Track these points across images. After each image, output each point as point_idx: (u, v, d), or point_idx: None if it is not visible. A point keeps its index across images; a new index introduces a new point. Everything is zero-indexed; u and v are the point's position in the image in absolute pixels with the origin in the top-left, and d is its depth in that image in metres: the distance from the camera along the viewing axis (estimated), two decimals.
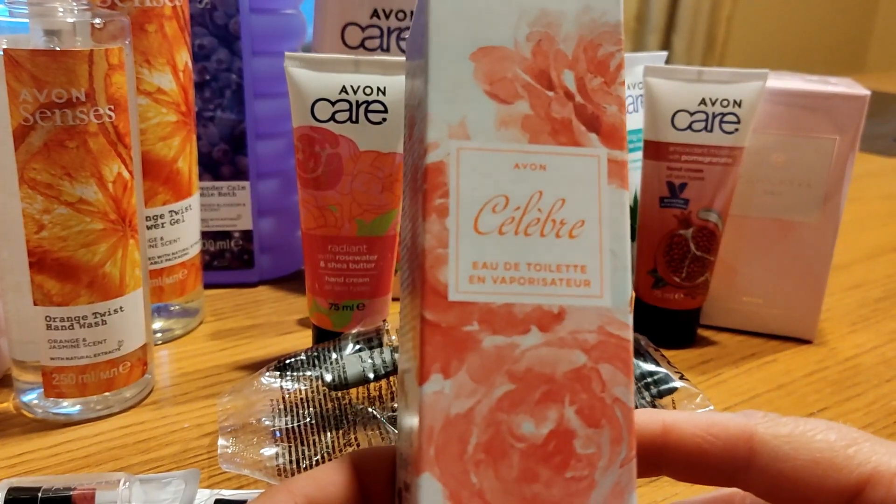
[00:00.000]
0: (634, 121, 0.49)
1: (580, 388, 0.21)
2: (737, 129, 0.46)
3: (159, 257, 0.46)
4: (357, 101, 0.40)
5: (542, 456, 0.21)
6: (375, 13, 0.48)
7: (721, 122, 0.46)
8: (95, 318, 0.38)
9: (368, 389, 0.38)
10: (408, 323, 0.23)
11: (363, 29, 0.49)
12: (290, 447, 0.35)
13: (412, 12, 0.49)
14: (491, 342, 0.21)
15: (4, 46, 0.34)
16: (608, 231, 0.22)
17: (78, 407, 0.39)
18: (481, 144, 0.22)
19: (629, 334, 0.22)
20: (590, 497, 0.21)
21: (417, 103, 0.23)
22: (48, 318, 0.37)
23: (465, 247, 0.22)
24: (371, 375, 0.37)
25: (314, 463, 0.34)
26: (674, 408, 0.39)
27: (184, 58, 0.44)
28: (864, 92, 0.47)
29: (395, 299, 0.54)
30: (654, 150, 0.47)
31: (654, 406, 0.38)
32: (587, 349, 0.22)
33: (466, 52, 0.22)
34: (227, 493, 0.33)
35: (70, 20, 0.36)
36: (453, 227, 0.22)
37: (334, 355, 0.39)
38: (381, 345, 0.39)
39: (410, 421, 0.22)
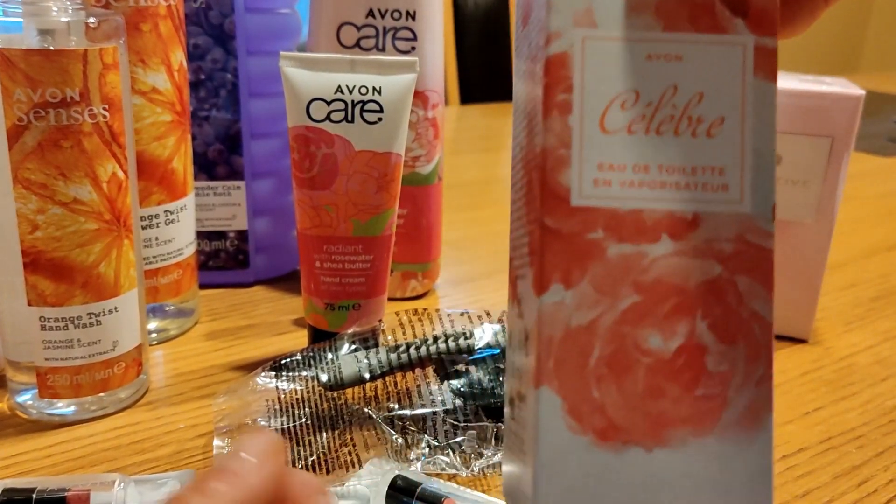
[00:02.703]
0: None
1: (714, 301, 0.20)
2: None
3: (154, 257, 0.46)
4: (352, 101, 0.40)
5: (670, 372, 0.20)
6: (371, 13, 0.48)
7: None
8: (90, 318, 0.38)
9: (364, 389, 0.38)
10: (522, 227, 0.21)
11: (358, 28, 0.49)
12: (285, 448, 0.35)
13: (407, 12, 0.49)
14: (617, 250, 0.20)
15: None
16: (751, 129, 0.20)
17: (72, 408, 0.39)
18: (609, 33, 0.20)
19: (771, 243, 0.20)
20: (721, 416, 0.20)
21: None
22: (42, 319, 0.37)
23: (590, 147, 0.20)
24: (367, 375, 0.37)
25: (310, 463, 0.34)
26: None
27: (178, 57, 0.44)
28: (859, 92, 0.47)
29: (391, 299, 0.54)
30: None
31: None
32: (723, 259, 0.20)
33: None
34: None
35: (64, 19, 0.36)
36: (577, 126, 0.20)
37: (330, 355, 0.38)
38: (376, 345, 0.39)
39: (526, 331, 0.20)
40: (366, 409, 0.36)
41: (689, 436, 0.20)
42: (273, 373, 0.38)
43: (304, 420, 0.36)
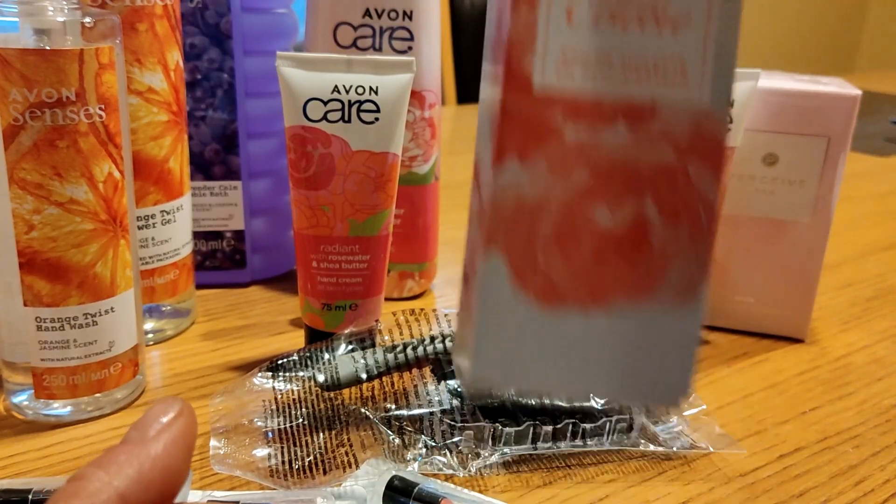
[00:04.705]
0: None
1: (664, 184, 0.21)
2: (728, 129, 0.46)
3: (151, 257, 0.46)
4: (349, 101, 0.40)
5: (616, 245, 0.21)
6: (367, 13, 0.48)
7: None
8: (86, 318, 0.37)
9: (361, 390, 0.38)
10: (486, 112, 0.22)
11: (355, 28, 0.49)
12: (282, 448, 0.35)
13: (404, 11, 0.49)
14: (574, 134, 0.20)
15: None
16: (716, 26, 0.20)
17: (69, 408, 0.39)
18: None
19: (725, 135, 0.21)
20: (658, 288, 0.21)
21: None
22: (38, 319, 0.37)
23: (555, 36, 0.20)
24: (363, 376, 0.37)
25: (307, 464, 0.34)
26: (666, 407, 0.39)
27: (175, 57, 0.44)
28: (856, 92, 0.47)
29: (388, 299, 0.54)
30: None
31: (647, 407, 0.38)
32: (678, 147, 0.21)
33: None
34: (219, 495, 0.33)
35: (60, 19, 0.36)
36: (544, 16, 0.20)
37: (327, 356, 0.38)
38: (373, 345, 0.39)
39: (482, 205, 0.21)
40: (363, 410, 0.36)
41: (626, 303, 0.21)
42: (270, 373, 0.38)
43: (300, 420, 0.36)
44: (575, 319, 0.21)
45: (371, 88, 0.40)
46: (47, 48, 0.34)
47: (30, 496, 0.30)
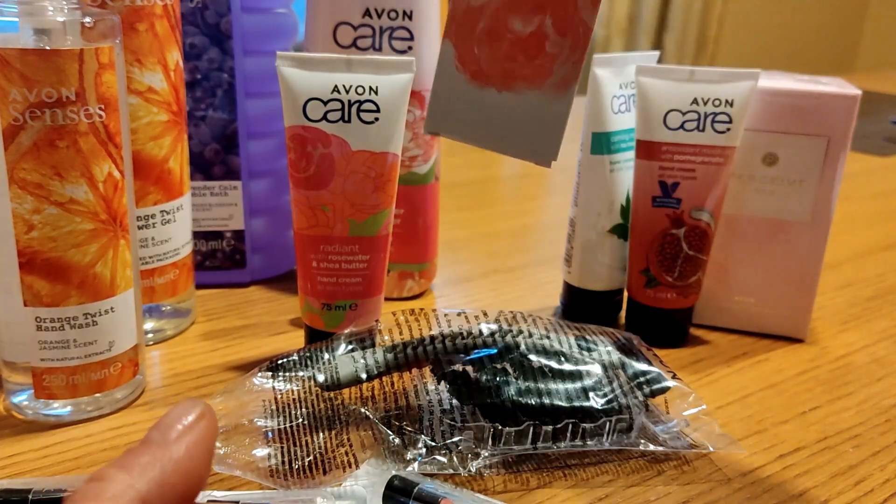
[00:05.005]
0: (627, 120, 0.49)
1: (559, 7, 0.30)
2: (728, 129, 0.46)
3: (150, 257, 0.46)
4: (349, 101, 0.40)
5: (522, 46, 0.31)
6: (367, 12, 0.48)
7: (713, 121, 0.46)
8: (86, 318, 0.37)
9: (361, 390, 0.38)
10: None
11: (355, 28, 0.49)
12: (282, 448, 0.35)
13: (404, 11, 0.49)
14: None
15: None
16: None
17: (69, 408, 0.39)
18: None
19: None
20: (546, 80, 0.31)
21: None
22: (38, 319, 0.37)
23: None
24: (363, 376, 0.37)
25: (307, 464, 0.34)
26: (666, 407, 0.39)
27: (175, 57, 0.44)
28: (856, 91, 0.47)
29: (388, 299, 0.54)
30: (647, 150, 0.47)
31: (647, 407, 0.38)
32: None
33: None
34: (218, 495, 0.33)
35: (60, 19, 0.36)
36: None
37: (326, 355, 0.38)
38: (373, 345, 0.39)
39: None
40: (363, 410, 0.36)
41: (524, 88, 0.31)
42: (270, 373, 0.38)
43: (300, 420, 0.36)
44: (492, 94, 0.32)
45: (371, 88, 0.40)
46: (47, 48, 0.34)
47: (30, 496, 0.30)
